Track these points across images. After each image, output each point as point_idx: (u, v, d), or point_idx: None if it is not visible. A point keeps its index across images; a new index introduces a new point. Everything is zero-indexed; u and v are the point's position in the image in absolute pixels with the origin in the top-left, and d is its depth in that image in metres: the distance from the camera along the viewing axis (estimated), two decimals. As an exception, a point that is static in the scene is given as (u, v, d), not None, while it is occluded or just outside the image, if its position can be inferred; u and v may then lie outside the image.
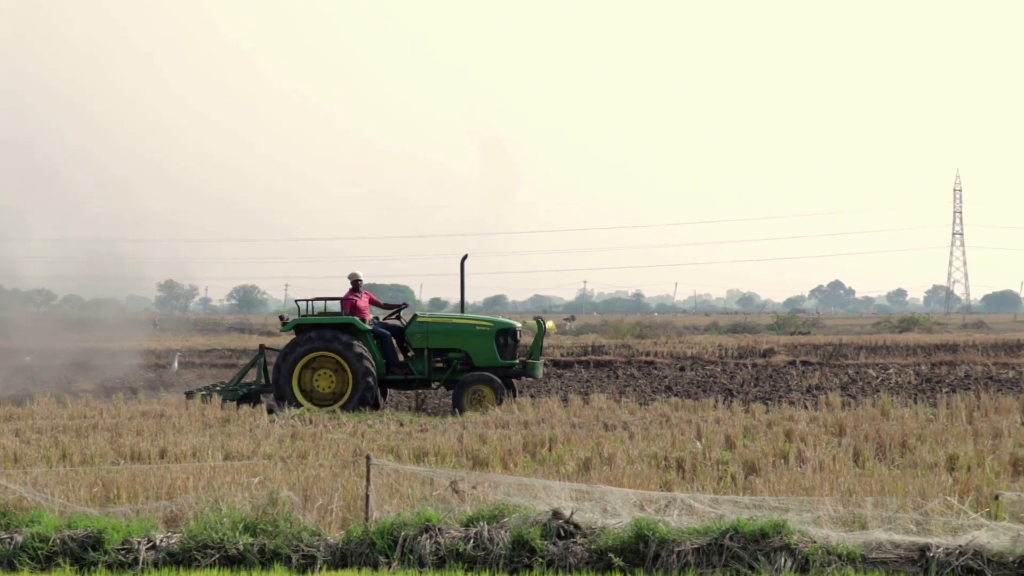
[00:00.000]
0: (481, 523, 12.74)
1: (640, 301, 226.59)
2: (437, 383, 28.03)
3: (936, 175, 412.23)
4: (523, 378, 28.84)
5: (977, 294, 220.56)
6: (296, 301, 28.86)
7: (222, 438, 20.59)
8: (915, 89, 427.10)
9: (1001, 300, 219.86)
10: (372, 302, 28.81)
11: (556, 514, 12.73)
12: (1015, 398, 25.71)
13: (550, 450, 18.95)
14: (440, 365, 27.95)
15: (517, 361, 28.18)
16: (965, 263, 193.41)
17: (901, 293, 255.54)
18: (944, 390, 30.66)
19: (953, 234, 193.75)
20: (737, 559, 12.08)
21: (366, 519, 13.10)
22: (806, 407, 25.44)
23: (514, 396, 27.47)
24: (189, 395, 28.06)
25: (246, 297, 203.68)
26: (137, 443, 19.70)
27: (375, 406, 27.33)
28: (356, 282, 28.36)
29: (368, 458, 13.64)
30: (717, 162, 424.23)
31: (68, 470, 16.80)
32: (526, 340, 30.64)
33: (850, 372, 38.80)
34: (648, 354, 46.95)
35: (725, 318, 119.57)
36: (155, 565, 12.71)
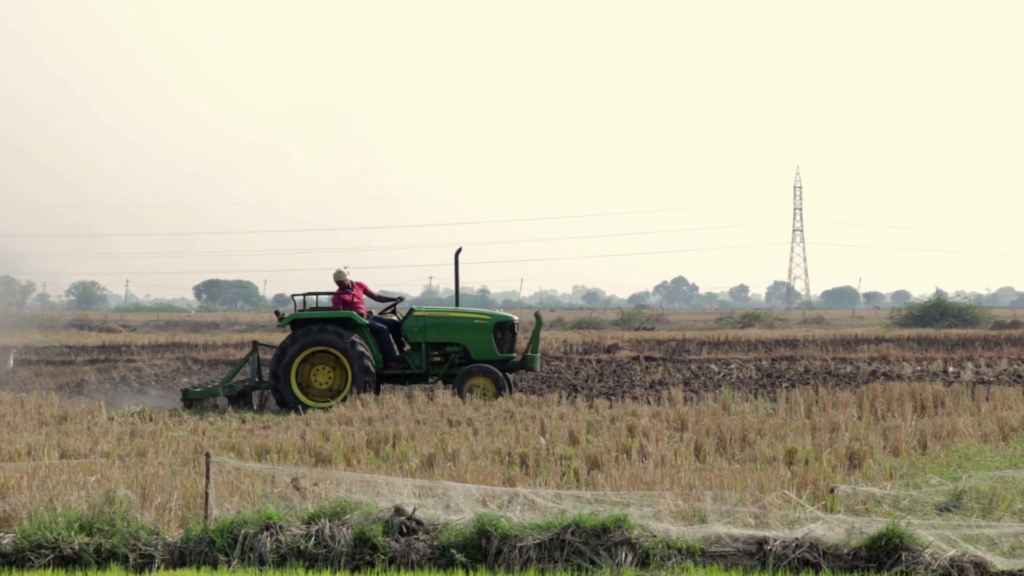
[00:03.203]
0: (323, 520, 12.62)
1: (486, 297, 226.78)
2: (435, 377, 27.98)
3: (777, 172, 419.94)
4: (520, 372, 28.82)
5: (817, 290, 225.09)
6: (292, 296, 28.59)
7: (58, 436, 20.17)
8: (755, 86, 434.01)
9: (840, 296, 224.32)
10: (367, 292, 28.54)
11: (398, 511, 12.66)
12: (852, 392, 26.18)
13: (394, 447, 18.88)
14: (438, 359, 27.88)
15: (515, 355, 28.21)
16: (805, 259, 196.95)
17: (743, 289, 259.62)
18: (784, 385, 31.13)
19: (793, 231, 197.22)
20: (579, 554, 12.12)
21: (206, 517, 12.91)
22: (649, 402, 25.66)
23: (510, 390, 27.35)
24: (185, 394, 27.55)
25: (85, 293, 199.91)
26: (-31, 442, 19.23)
27: None
28: (340, 281, 28.04)
29: (208, 455, 13.45)
30: (562, 158, 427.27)
31: None
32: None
33: (693, 367, 39.27)
34: (494, 350, 46.97)
35: (570, 314, 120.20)
36: (-13, 566, 12.41)
